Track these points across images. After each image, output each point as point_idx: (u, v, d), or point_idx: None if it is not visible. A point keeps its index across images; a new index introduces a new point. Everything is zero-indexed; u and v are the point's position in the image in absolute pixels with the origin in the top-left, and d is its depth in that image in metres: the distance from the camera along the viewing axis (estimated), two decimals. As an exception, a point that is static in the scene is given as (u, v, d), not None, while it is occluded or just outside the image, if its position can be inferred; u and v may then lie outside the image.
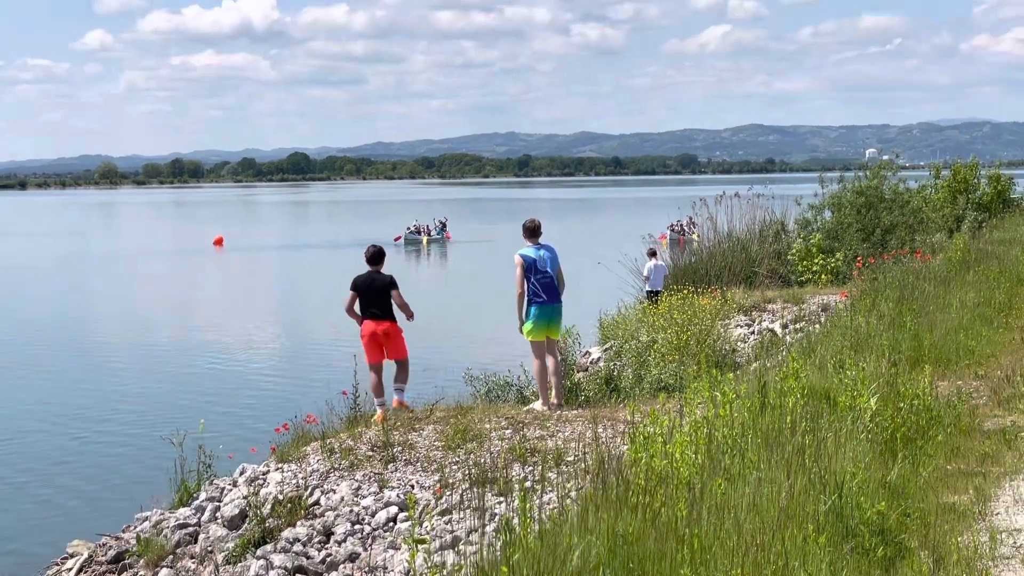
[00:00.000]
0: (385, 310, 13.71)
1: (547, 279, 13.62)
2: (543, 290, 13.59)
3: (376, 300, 13.70)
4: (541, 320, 13.66)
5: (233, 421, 22.03)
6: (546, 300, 13.63)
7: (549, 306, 13.68)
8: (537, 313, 13.65)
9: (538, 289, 13.58)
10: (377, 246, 14.14)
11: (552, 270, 13.66)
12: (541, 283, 13.59)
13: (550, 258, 13.71)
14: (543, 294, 13.60)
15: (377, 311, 13.70)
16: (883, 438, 9.02)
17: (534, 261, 13.60)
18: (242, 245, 76.68)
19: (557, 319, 13.92)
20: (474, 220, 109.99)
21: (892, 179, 30.66)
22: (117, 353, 32.48)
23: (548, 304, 13.66)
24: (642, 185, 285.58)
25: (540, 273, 13.59)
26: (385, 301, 13.71)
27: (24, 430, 22.42)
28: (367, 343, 13.75)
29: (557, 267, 13.75)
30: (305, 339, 35.16)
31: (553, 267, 13.68)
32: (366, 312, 13.77)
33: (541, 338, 13.77)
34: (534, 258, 13.62)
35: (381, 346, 13.76)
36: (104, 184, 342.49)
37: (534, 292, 13.61)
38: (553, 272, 13.67)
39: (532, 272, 13.59)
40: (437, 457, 11.97)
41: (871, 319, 14.68)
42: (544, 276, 13.61)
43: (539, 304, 13.63)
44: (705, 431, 8.45)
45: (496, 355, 25.22)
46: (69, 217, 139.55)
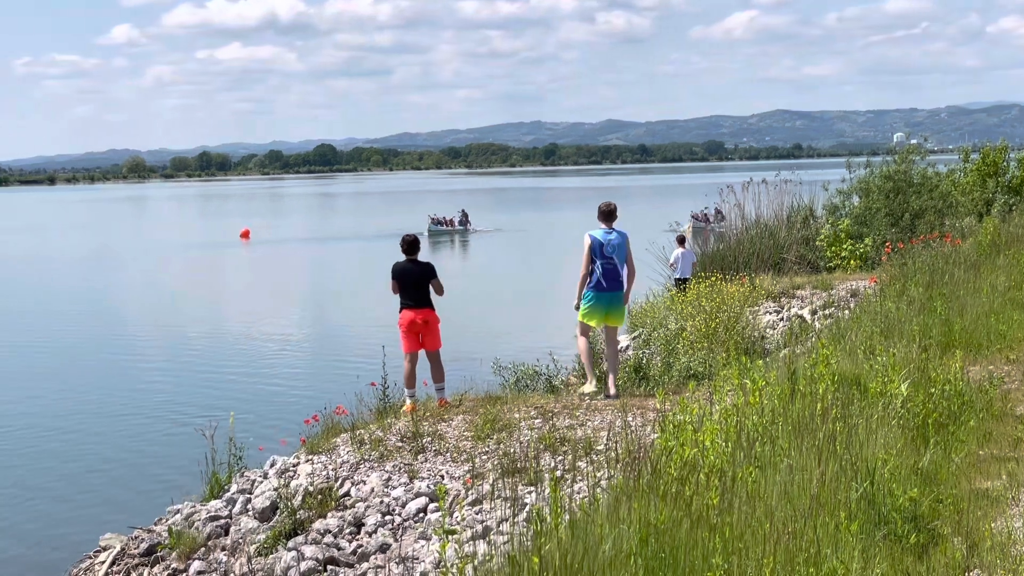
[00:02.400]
0: (424, 299, 13.75)
1: (611, 265, 13.41)
2: (604, 276, 13.41)
3: (415, 289, 13.73)
4: (597, 306, 13.51)
5: (263, 413, 22.10)
6: (604, 287, 13.44)
7: (607, 294, 13.48)
8: (593, 299, 13.50)
9: (599, 274, 13.40)
10: (412, 235, 14.17)
11: (619, 257, 13.43)
12: (604, 268, 13.39)
13: (618, 244, 13.47)
14: (603, 280, 13.42)
15: (416, 300, 13.73)
16: (914, 424, 8.97)
17: (601, 244, 13.40)
18: (268, 237, 76.90)
19: (616, 307, 13.70)
20: (500, 210, 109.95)
21: (920, 163, 30.45)
22: (146, 346, 32.64)
23: (606, 292, 13.46)
24: (669, 172, 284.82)
25: (605, 259, 13.40)
26: (424, 289, 13.74)
27: (55, 424, 22.56)
28: (405, 331, 13.76)
29: (625, 254, 13.53)
30: (333, 331, 35.24)
31: (620, 254, 13.45)
32: (404, 300, 13.78)
33: (593, 323, 13.65)
34: (602, 241, 13.41)
35: (419, 335, 13.78)
36: (132, 178, 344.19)
37: (593, 276, 13.44)
38: (619, 259, 13.44)
39: (598, 255, 13.40)
40: (467, 447, 11.98)
41: (901, 304, 14.60)
42: (608, 262, 13.40)
43: (596, 290, 13.46)
44: (735, 419, 8.42)
45: (525, 345, 25.22)
46: (98, 211, 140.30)
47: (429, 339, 13.81)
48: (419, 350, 13.85)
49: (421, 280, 13.74)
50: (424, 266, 13.82)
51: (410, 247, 13.94)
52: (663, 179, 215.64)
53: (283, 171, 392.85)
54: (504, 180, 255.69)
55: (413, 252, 13.93)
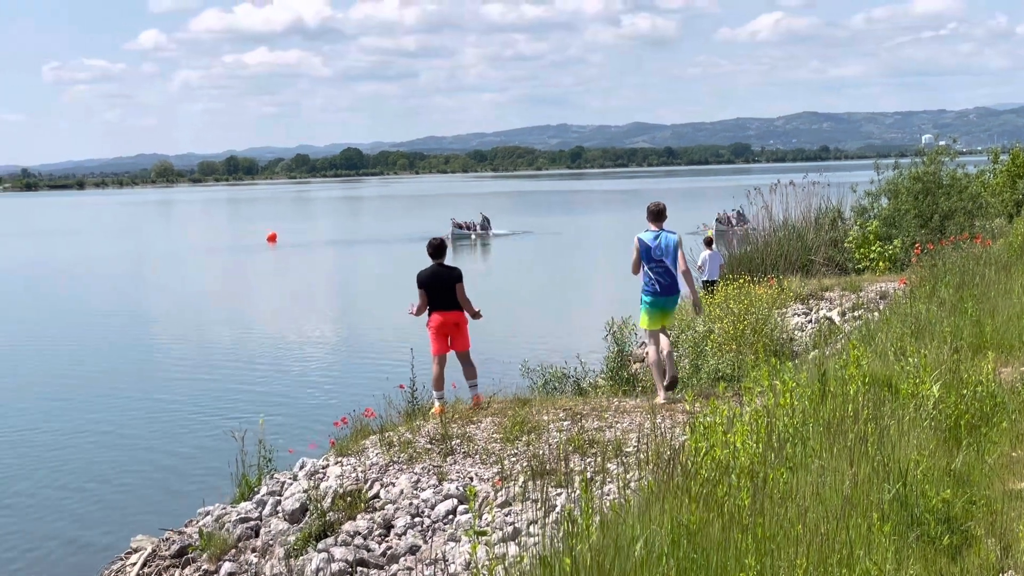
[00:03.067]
0: (453, 301, 13.73)
1: (662, 268, 13.09)
2: (657, 280, 13.11)
3: (443, 293, 13.70)
4: (654, 311, 13.29)
5: (292, 416, 22.17)
6: (659, 292, 13.16)
7: (663, 298, 13.21)
8: (650, 303, 13.26)
9: (651, 278, 13.11)
10: (439, 239, 14.13)
11: (670, 259, 13.09)
12: (655, 272, 13.08)
13: (667, 246, 13.11)
14: (657, 284, 13.12)
15: (446, 303, 13.72)
16: (947, 425, 8.92)
17: (650, 248, 13.07)
18: (295, 241, 77.15)
19: (671, 309, 13.50)
20: (526, 213, 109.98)
21: (950, 165, 30.29)
22: (176, 350, 32.78)
23: (661, 296, 13.19)
24: (696, 175, 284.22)
25: (655, 262, 13.08)
26: (452, 293, 13.72)
27: (86, 427, 22.70)
28: (435, 333, 13.74)
29: (676, 256, 13.15)
30: (361, 333, 35.32)
31: (671, 256, 13.10)
32: (436, 304, 13.75)
33: (655, 327, 13.39)
34: (649, 244, 13.07)
35: (448, 336, 13.78)
36: (161, 182, 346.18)
37: (647, 280, 13.16)
38: (671, 261, 13.10)
39: (647, 259, 13.10)
40: (496, 449, 11.98)
41: (931, 306, 14.52)
42: (659, 265, 13.08)
43: (652, 295, 13.20)
44: (766, 420, 8.40)
45: (553, 347, 25.23)
46: (127, 216, 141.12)
47: (459, 340, 13.81)
48: (448, 352, 13.85)
49: (449, 283, 13.72)
50: (452, 270, 13.81)
51: (437, 251, 13.92)
52: (689, 181, 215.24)
53: (310, 175, 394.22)
54: (530, 183, 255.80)
55: (440, 256, 13.91)
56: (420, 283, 13.76)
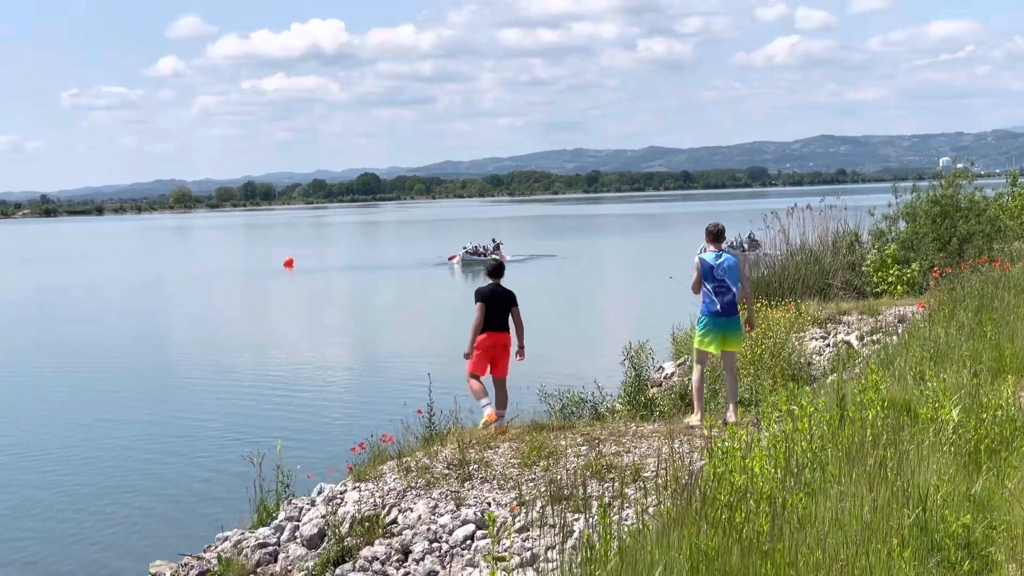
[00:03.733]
0: (505, 323, 13.89)
1: (723, 288, 13.06)
2: (718, 300, 13.08)
3: (499, 313, 13.88)
4: (714, 331, 13.20)
5: (310, 441, 22.17)
6: (720, 312, 13.10)
7: (723, 319, 13.14)
8: (708, 324, 13.19)
9: (712, 298, 13.07)
10: (498, 259, 14.34)
11: (731, 279, 13.08)
12: (717, 292, 13.06)
13: (729, 266, 13.12)
14: (717, 305, 13.08)
15: (498, 324, 13.83)
16: (966, 450, 8.88)
17: (711, 268, 13.08)
18: (312, 266, 77.31)
19: (734, 331, 13.38)
20: (543, 236, 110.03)
21: (968, 188, 30.19)
22: (194, 374, 32.84)
23: (722, 317, 13.13)
24: (712, 199, 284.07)
25: (717, 282, 13.05)
26: (506, 314, 13.86)
27: (105, 450, 22.73)
28: (482, 353, 13.83)
29: (737, 276, 13.16)
30: (378, 358, 35.33)
31: (732, 276, 13.09)
32: (489, 324, 13.84)
33: (712, 349, 13.33)
34: (712, 264, 13.09)
35: (492, 359, 13.87)
36: (179, 208, 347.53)
37: (709, 301, 13.12)
38: (732, 282, 13.09)
39: (708, 279, 13.09)
40: (513, 474, 11.97)
41: (950, 329, 14.47)
42: (720, 285, 13.05)
43: (712, 315, 13.15)
44: (784, 445, 8.37)
45: (570, 372, 25.18)
46: (145, 241, 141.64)
47: (501, 364, 13.96)
48: (485, 375, 13.95)
49: (506, 305, 13.87)
50: (509, 293, 13.96)
51: (495, 271, 14.10)
52: (706, 205, 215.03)
53: (327, 200, 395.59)
54: (547, 207, 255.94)
55: (498, 276, 14.08)
56: (480, 298, 13.91)
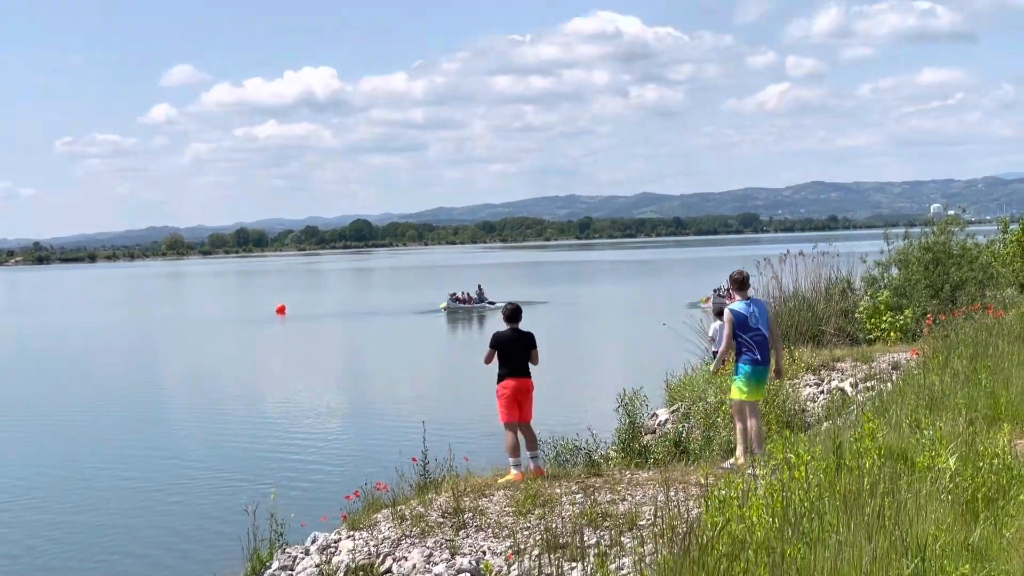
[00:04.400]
0: (526, 367, 13.86)
1: (760, 337, 12.98)
2: (757, 349, 12.96)
3: (520, 357, 13.83)
4: (753, 380, 13.07)
5: (304, 489, 22.08)
6: (759, 360, 13.00)
7: (762, 367, 13.05)
8: (749, 373, 13.03)
9: (751, 347, 12.94)
10: (515, 303, 14.28)
11: (765, 327, 13.04)
12: (754, 340, 12.95)
13: (761, 314, 13.10)
14: (756, 353, 12.96)
15: (519, 368, 13.81)
16: (964, 499, 8.86)
17: (745, 317, 13.00)
18: (304, 313, 77.23)
19: (766, 379, 13.33)
20: (535, 283, 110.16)
21: (959, 234, 30.29)
22: (187, 422, 32.74)
23: (761, 365, 13.03)
24: (704, 245, 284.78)
25: (752, 331, 12.96)
26: (527, 359, 13.83)
27: (97, 498, 22.61)
28: (508, 400, 13.81)
29: (769, 324, 13.14)
30: (371, 406, 35.24)
31: (765, 324, 13.05)
32: (511, 370, 13.83)
33: (753, 398, 13.21)
34: (745, 314, 13.02)
35: (520, 404, 13.85)
36: (171, 255, 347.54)
37: (747, 349, 12.98)
38: (766, 329, 13.04)
39: (743, 329, 12.99)
40: (508, 523, 11.92)
41: (945, 377, 14.48)
42: (756, 334, 12.98)
43: (752, 364, 13.01)
44: (781, 494, 8.34)
45: (564, 419, 25.11)
46: (137, 288, 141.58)
47: (526, 409, 13.92)
48: (517, 420, 13.90)
49: (526, 349, 13.85)
50: (527, 335, 13.94)
51: (513, 315, 14.05)
52: (698, 252, 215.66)
53: (319, 247, 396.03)
54: (539, 254, 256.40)
55: (516, 320, 14.03)
56: (496, 344, 13.89)
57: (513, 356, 13.85)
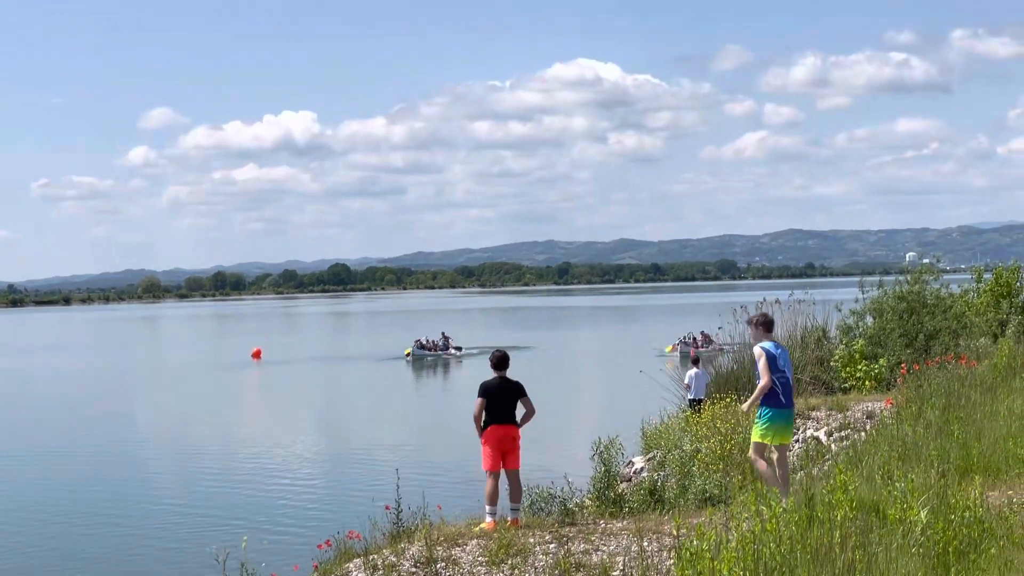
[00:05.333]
0: (512, 415, 13.79)
1: (784, 379, 12.82)
2: (783, 392, 12.80)
3: (507, 405, 13.76)
4: (777, 423, 12.86)
5: (275, 537, 21.91)
6: (785, 404, 12.84)
7: (787, 410, 12.92)
8: (773, 416, 12.83)
9: (778, 390, 12.76)
10: (502, 351, 14.20)
11: (789, 371, 12.92)
12: (780, 382, 12.78)
13: (786, 358, 12.95)
14: (783, 396, 12.80)
15: (505, 416, 13.73)
16: (935, 552, 8.85)
17: (775, 357, 12.83)
18: (280, 357, 77.00)
19: (791, 423, 13.23)
20: (513, 328, 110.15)
21: (934, 284, 30.44)
22: (158, 467, 32.55)
23: (786, 408, 12.89)
24: (682, 291, 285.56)
25: (779, 372, 12.80)
26: (513, 406, 13.76)
27: (67, 546, 22.42)
28: (494, 449, 13.71)
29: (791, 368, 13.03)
30: (345, 452, 35.08)
31: (789, 368, 12.94)
32: (494, 417, 13.74)
33: (777, 441, 13.00)
34: (775, 354, 12.86)
35: (505, 453, 13.76)
36: (147, 298, 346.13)
37: (772, 392, 12.79)
38: (790, 374, 12.94)
39: (774, 370, 12.78)
40: (481, 573, 11.84)
41: (918, 428, 14.51)
42: (782, 376, 12.82)
43: (777, 408, 12.82)
44: (753, 547, 8.32)
45: (539, 466, 25.04)
46: (111, 331, 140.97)
47: (511, 457, 13.84)
48: (500, 469, 13.82)
49: (513, 397, 13.77)
50: (515, 384, 13.87)
51: (500, 363, 13.97)
52: (676, 298, 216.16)
53: (297, 290, 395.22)
54: (517, 299, 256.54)
55: (503, 368, 13.95)
56: (483, 392, 13.78)
57: (499, 404, 13.79)
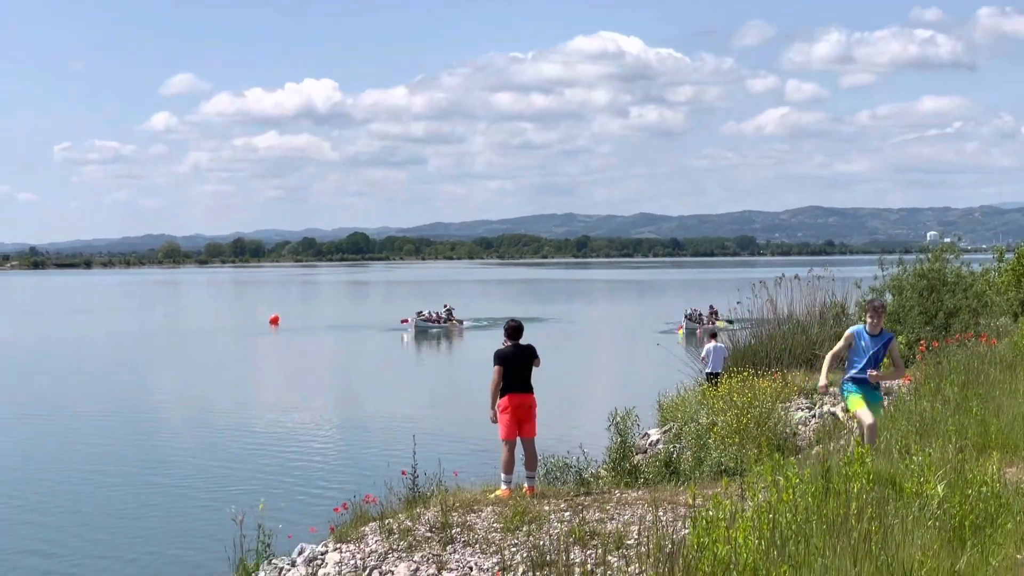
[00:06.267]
0: (528, 383, 13.80)
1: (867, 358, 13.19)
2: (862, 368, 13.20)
3: (523, 373, 13.80)
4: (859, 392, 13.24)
5: (292, 500, 22.02)
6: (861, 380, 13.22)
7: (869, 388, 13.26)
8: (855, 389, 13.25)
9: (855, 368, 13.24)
10: (517, 320, 14.23)
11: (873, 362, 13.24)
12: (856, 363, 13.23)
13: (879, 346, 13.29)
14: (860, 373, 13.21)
15: (521, 384, 13.76)
16: (951, 526, 8.84)
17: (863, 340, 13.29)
18: (297, 325, 77.18)
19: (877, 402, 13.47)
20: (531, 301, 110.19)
21: (955, 262, 30.31)
22: (176, 431, 32.71)
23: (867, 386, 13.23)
24: (701, 267, 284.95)
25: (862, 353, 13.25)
26: (529, 373, 13.81)
27: (85, 506, 22.56)
28: (511, 417, 13.74)
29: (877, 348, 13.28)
30: (361, 418, 35.20)
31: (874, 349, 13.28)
32: (511, 385, 13.77)
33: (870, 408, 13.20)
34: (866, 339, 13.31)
35: (521, 421, 13.78)
36: (167, 263, 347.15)
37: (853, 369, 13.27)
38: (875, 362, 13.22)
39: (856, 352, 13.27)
40: (496, 539, 11.89)
41: (936, 404, 14.47)
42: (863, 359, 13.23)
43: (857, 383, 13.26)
44: (769, 516, 8.33)
45: (555, 436, 25.09)
46: (131, 296, 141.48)
47: (528, 426, 13.85)
48: (516, 437, 13.84)
49: (528, 363, 13.81)
50: (528, 349, 13.91)
51: (514, 332, 14.00)
52: (694, 273, 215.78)
53: (316, 259, 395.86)
54: (536, 271, 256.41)
55: (517, 336, 13.98)
56: (500, 360, 13.79)
57: (516, 372, 13.80)
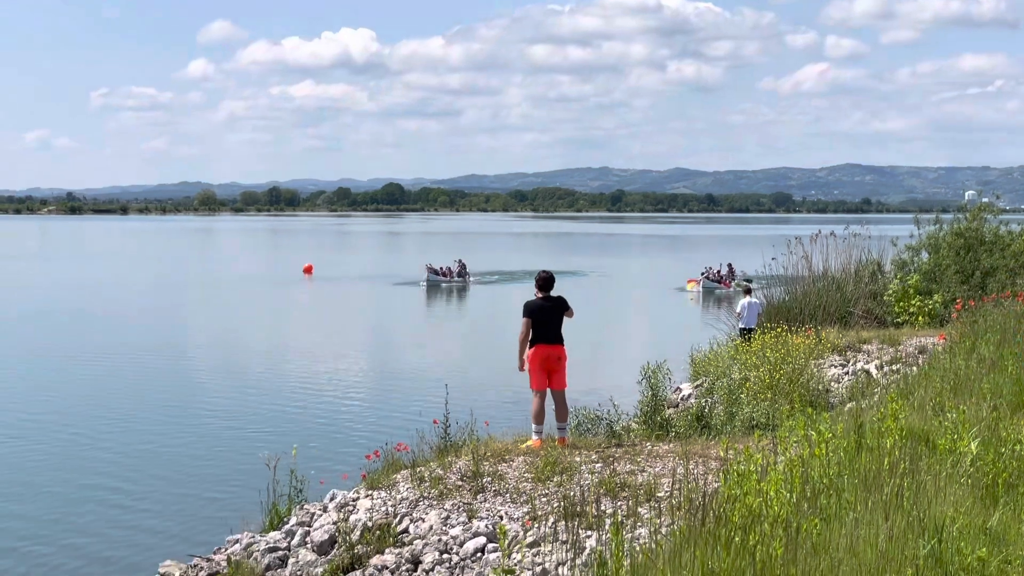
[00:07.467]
0: (558, 334, 13.81)
1: None
2: None
3: (553, 324, 13.80)
4: None
5: (325, 447, 22.19)
6: None
7: None
8: None
9: None
10: (548, 272, 14.20)
11: None
12: None
13: None
14: None
15: (552, 336, 13.76)
16: (984, 483, 8.81)
17: None
18: (331, 274, 77.40)
19: None
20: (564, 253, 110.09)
21: (992, 221, 30.07)
22: (211, 379, 32.92)
23: None
24: (736, 223, 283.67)
25: None
26: (559, 325, 13.80)
27: (118, 451, 22.79)
28: (539, 367, 13.76)
29: None
30: (394, 368, 35.35)
31: None
32: (541, 336, 13.79)
33: None
34: None
35: (548, 372, 13.80)
36: (203, 211, 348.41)
37: None
38: None
39: None
40: (527, 489, 11.95)
41: (971, 362, 14.39)
42: None
43: None
44: (800, 470, 8.32)
45: (587, 389, 25.12)
46: (167, 242, 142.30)
47: (557, 377, 13.86)
48: (547, 388, 13.86)
49: (559, 315, 13.80)
50: (559, 301, 13.90)
51: (545, 283, 13.99)
52: (729, 229, 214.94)
53: (351, 208, 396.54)
54: (570, 225, 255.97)
55: (548, 288, 13.97)
56: (528, 312, 13.81)
57: (545, 324, 13.79)
